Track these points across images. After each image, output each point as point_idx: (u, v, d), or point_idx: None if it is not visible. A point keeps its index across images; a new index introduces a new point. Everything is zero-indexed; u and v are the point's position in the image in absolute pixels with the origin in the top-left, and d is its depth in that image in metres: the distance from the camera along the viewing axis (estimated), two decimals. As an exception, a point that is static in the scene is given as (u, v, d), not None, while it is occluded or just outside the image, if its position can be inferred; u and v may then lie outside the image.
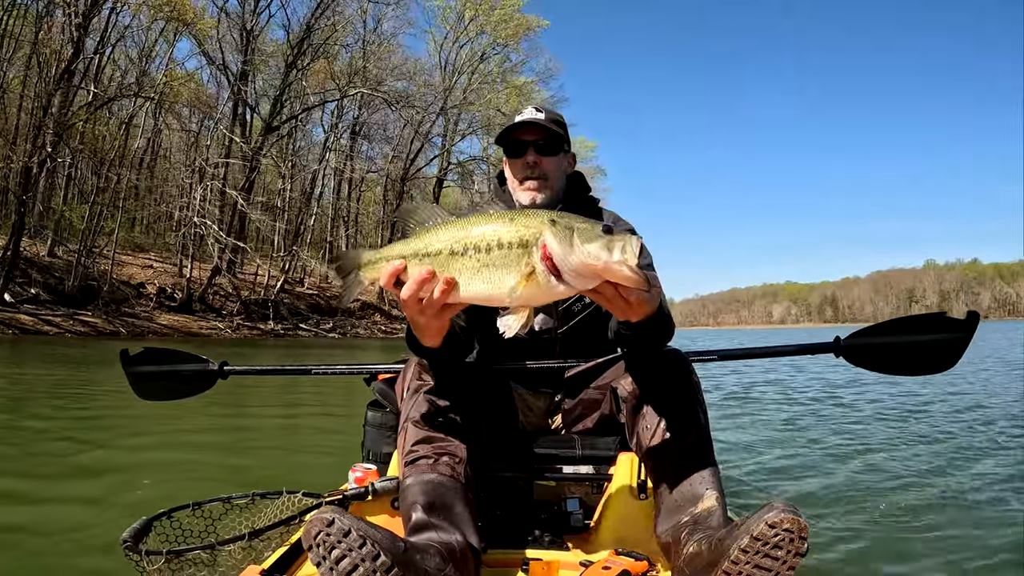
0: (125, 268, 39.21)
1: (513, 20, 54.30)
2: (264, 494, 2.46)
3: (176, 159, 50.36)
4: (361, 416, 2.84)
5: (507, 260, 1.54)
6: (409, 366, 2.19)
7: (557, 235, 1.49)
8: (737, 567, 1.57)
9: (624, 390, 2.12)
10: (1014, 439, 6.50)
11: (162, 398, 2.96)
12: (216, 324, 37.05)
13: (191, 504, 2.37)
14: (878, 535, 3.73)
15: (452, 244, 1.59)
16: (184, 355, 2.95)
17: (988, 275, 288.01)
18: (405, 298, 1.62)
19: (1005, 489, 4.64)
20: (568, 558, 2.04)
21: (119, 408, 8.08)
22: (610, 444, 2.33)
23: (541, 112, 2.48)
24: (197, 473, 5.03)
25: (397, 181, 56.17)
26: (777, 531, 1.54)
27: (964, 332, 2.37)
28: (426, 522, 1.79)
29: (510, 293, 1.54)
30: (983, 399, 9.71)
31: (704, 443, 1.97)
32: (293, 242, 47.77)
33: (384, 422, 2.70)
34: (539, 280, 1.52)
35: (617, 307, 1.62)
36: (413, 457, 1.95)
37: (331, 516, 1.53)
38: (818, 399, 10.32)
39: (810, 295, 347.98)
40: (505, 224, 1.56)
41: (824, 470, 5.38)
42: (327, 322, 44.01)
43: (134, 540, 2.05)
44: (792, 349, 2.77)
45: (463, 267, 1.58)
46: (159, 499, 2.65)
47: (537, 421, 2.48)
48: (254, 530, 2.12)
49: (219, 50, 44.00)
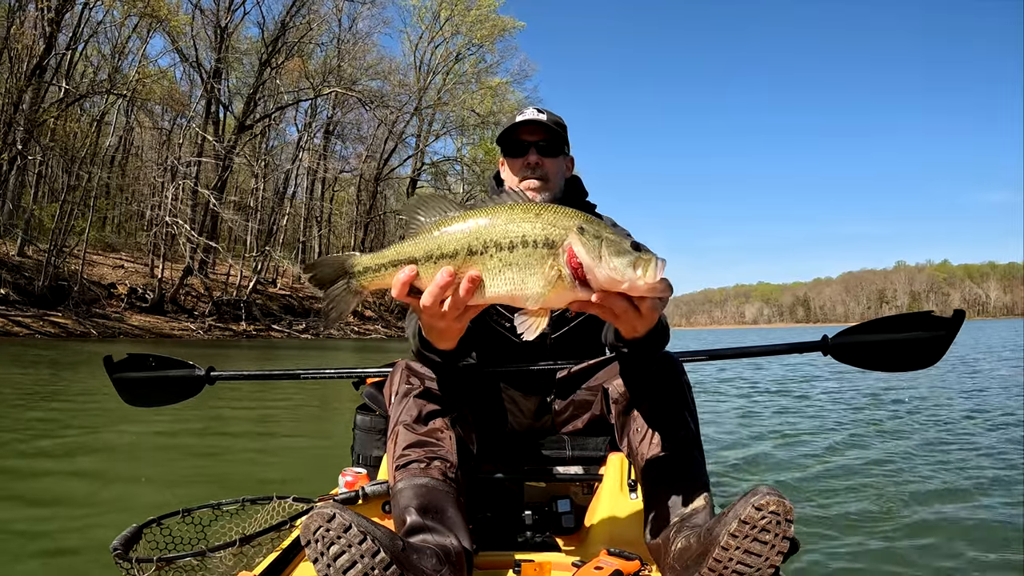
0: (96, 268, 38.73)
1: (489, 21, 54.46)
2: (254, 499, 2.45)
3: (148, 157, 49.91)
4: (350, 420, 2.83)
5: (531, 260, 1.44)
6: (396, 370, 2.17)
7: (586, 244, 1.41)
8: (727, 553, 1.57)
9: (615, 391, 2.12)
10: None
11: (149, 404, 2.93)
12: (188, 325, 36.68)
13: (181, 511, 2.34)
14: (860, 532, 3.78)
15: (470, 242, 1.46)
16: (170, 361, 2.92)
17: (958, 276, 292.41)
18: (427, 305, 1.51)
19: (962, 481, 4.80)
20: (560, 559, 2.03)
21: (99, 414, 8.04)
22: (600, 445, 2.35)
23: (543, 113, 2.45)
24: (186, 479, 5.01)
25: (370, 181, 56.04)
26: (764, 513, 1.54)
27: (948, 330, 2.42)
28: (421, 524, 1.78)
29: (534, 295, 1.45)
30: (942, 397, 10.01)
31: (693, 446, 1.97)
32: (266, 242, 47.37)
33: (373, 426, 2.69)
34: (565, 284, 1.44)
35: (624, 323, 1.57)
36: (405, 461, 1.93)
37: (332, 511, 1.51)
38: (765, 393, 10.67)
39: (782, 296, 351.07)
40: (530, 220, 1.45)
41: (798, 465, 5.53)
42: (300, 323, 43.72)
43: (124, 547, 2.03)
44: (780, 348, 2.80)
45: (484, 267, 1.46)
46: (148, 506, 2.63)
47: (527, 422, 2.47)
48: (245, 536, 2.10)
49: (193, 47, 43.63)
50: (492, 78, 58.01)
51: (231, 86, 48.20)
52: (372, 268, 1.57)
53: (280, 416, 8.91)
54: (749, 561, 1.57)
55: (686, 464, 1.93)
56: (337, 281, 1.61)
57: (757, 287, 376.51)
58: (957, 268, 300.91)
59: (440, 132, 58.07)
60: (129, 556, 1.95)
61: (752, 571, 1.58)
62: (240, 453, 6.21)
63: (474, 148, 60.87)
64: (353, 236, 58.06)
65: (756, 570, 1.58)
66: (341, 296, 1.61)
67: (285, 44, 45.89)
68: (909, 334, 2.46)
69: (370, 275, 1.58)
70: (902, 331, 2.48)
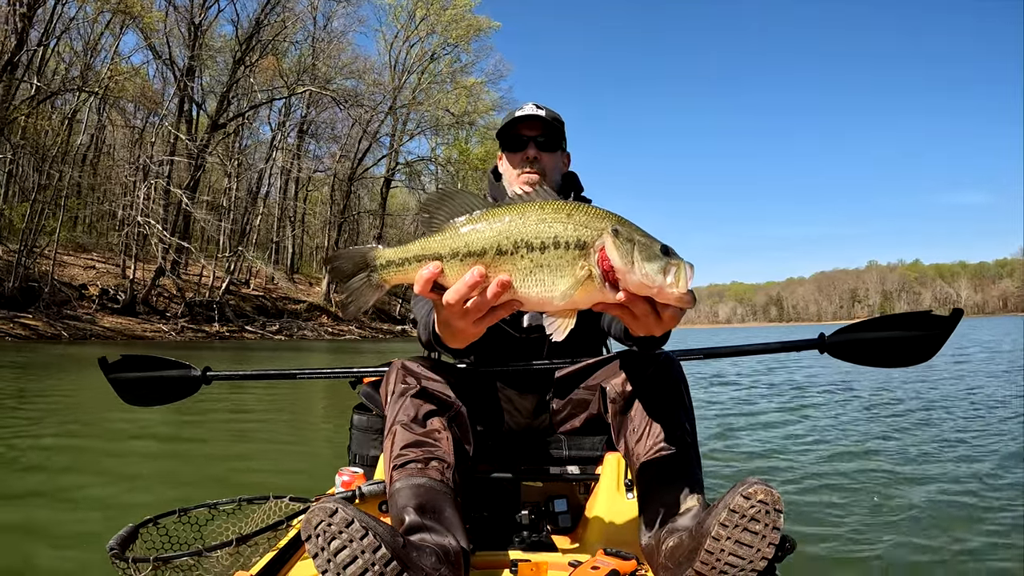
0: (67, 269, 38.23)
1: (464, 20, 54.49)
2: (251, 499, 2.44)
3: (120, 156, 49.15)
4: (346, 420, 2.82)
5: (563, 261, 1.41)
6: (393, 369, 2.16)
7: (619, 248, 1.39)
8: (719, 544, 1.57)
9: (613, 391, 2.11)
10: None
11: (146, 404, 2.90)
12: (160, 326, 36.32)
13: (177, 510, 2.32)
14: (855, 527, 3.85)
15: (500, 241, 1.42)
16: (166, 361, 2.91)
17: (929, 275, 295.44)
18: (451, 303, 1.47)
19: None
20: (556, 559, 2.03)
21: (94, 413, 7.99)
22: (596, 444, 2.35)
23: (542, 109, 2.49)
24: (182, 479, 5.01)
25: (344, 181, 55.86)
26: (752, 502, 1.55)
27: (944, 327, 2.45)
28: (419, 524, 1.77)
29: (563, 296, 1.41)
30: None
31: (688, 448, 1.98)
32: (239, 242, 47.01)
33: (370, 425, 2.69)
34: (595, 285, 1.41)
35: (642, 325, 1.52)
36: (402, 461, 1.93)
37: (334, 506, 1.50)
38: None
39: (755, 295, 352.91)
40: (561, 220, 1.41)
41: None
42: (273, 324, 43.42)
43: (120, 547, 2.00)
44: (776, 347, 2.81)
45: (513, 268, 1.42)
46: (145, 505, 2.61)
47: (524, 421, 2.48)
48: (241, 536, 2.09)
49: (166, 44, 43.22)
50: (467, 78, 58.18)
51: (204, 84, 47.89)
52: (396, 262, 1.53)
53: (277, 416, 8.89)
54: (741, 553, 1.57)
55: (680, 465, 1.93)
56: (358, 274, 1.57)
57: (731, 287, 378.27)
58: (928, 268, 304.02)
59: (414, 132, 58.10)
60: (125, 556, 1.93)
61: (745, 563, 1.58)
62: (236, 453, 6.20)
63: (448, 148, 60.93)
64: (327, 236, 57.84)
65: (748, 562, 1.58)
66: (362, 289, 1.58)
67: (259, 42, 45.63)
68: (906, 332, 2.49)
69: (393, 269, 1.54)
70: (899, 329, 2.51)
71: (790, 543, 1.75)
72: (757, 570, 1.59)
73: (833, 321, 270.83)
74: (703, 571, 1.61)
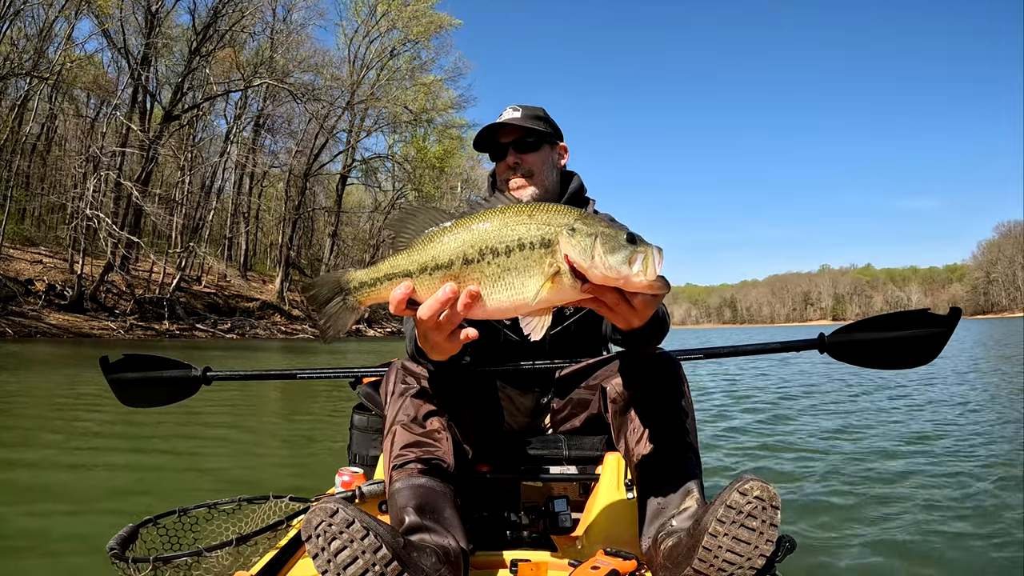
0: (13, 263, 37.06)
1: (425, 17, 54.27)
2: (251, 499, 2.43)
3: (71, 147, 47.83)
4: (346, 420, 2.81)
5: (530, 262, 1.42)
6: (392, 369, 2.16)
7: (579, 243, 1.39)
8: (716, 540, 1.58)
9: (613, 391, 2.12)
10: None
11: (146, 404, 2.86)
12: (108, 324, 35.42)
13: (177, 510, 2.30)
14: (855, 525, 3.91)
15: (465, 251, 1.44)
16: (166, 361, 2.87)
17: (881, 279, 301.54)
18: (424, 319, 1.49)
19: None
20: (556, 559, 2.04)
21: (91, 415, 7.76)
22: (597, 444, 2.35)
23: (518, 111, 2.47)
24: (182, 479, 5.00)
25: (300, 177, 55.10)
26: (748, 498, 1.56)
27: (944, 327, 2.44)
28: (419, 524, 1.77)
29: (535, 297, 1.42)
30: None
31: (688, 448, 1.99)
32: (191, 238, 46.21)
33: (370, 425, 2.69)
34: (564, 281, 1.42)
35: (618, 316, 1.53)
36: (402, 461, 1.93)
37: (335, 506, 1.50)
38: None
39: (709, 297, 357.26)
40: (523, 221, 1.43)
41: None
42: (225, 322, 42.67)
43: (120, 547, 1.98)
44: (776, 347, 2.81)
45: (482, 275, 1.43)
46: (145, 505, 2.58)
47: (524, 421, 2.49)
48: (241, 535, 2.08)
49: (121, 32, 41.91)
50: (427, 75, 57.88)
51: (160, 74, 46.76)
52: (367, 283, 1.56)
53: (276, 416, 8.85)
54: (739, 549, 1.58)
55: (680, 465, 1.95)
56: (334, 299, 1.60)
57: (685, 289, 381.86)
58: (880, 272, 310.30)
59: (372, 128, 57.53)
60: (125, 556, 1.92)
61: (743, 560, 1.59)
62: (236, 453, 6.16)
63: (406, 146, 60.56)
64: (281, 233, 57.01)
65: (747, 559, 1.59)
66: (338, 313, 1.61)
67: (217, 32, 44.66)
68: (906, 332, 2.48)
69: (366, 290, 1.57)
70: (898, 329, 2.50)
71: (790, 543, 1.74)
72: (756, 567, 1.60)
73: (786, 324, 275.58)
74: (701, 569, 1.62)
